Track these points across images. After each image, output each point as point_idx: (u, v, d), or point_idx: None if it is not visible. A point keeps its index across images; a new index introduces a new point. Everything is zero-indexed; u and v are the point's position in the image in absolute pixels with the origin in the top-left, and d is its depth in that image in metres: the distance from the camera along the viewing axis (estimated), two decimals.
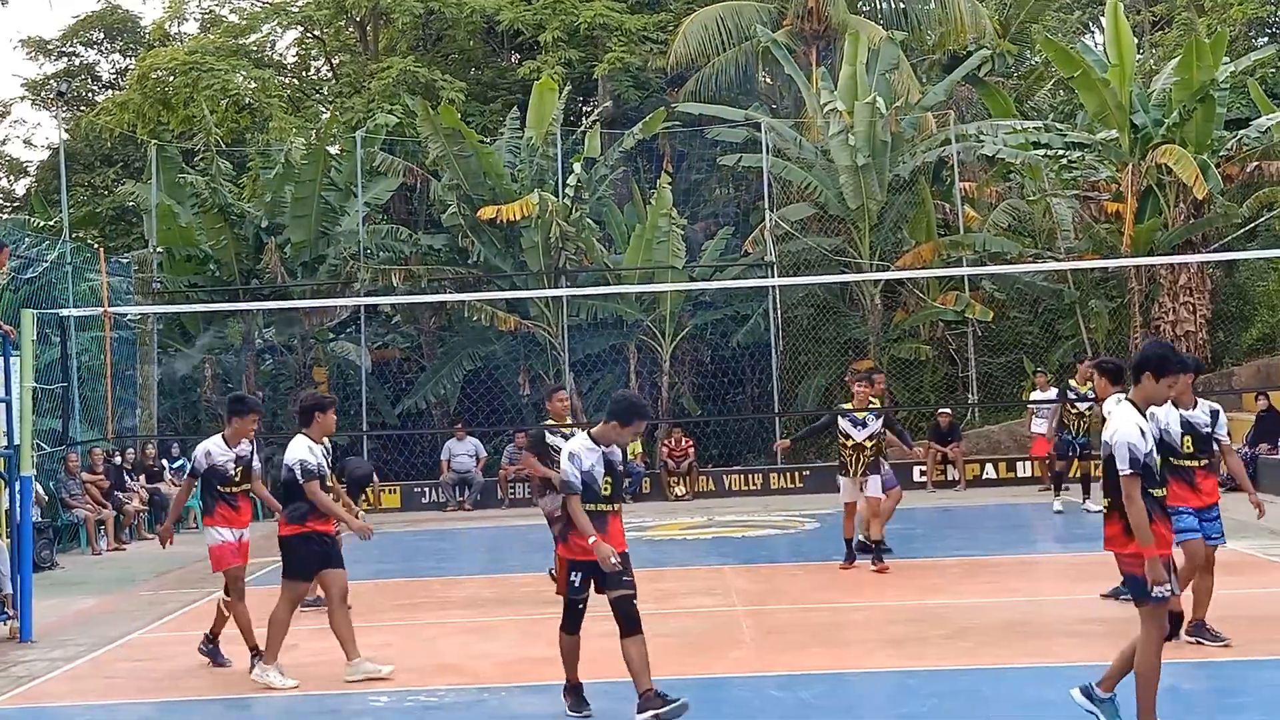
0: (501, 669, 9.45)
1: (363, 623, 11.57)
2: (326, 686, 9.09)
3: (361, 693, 8.83)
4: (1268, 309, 25.13)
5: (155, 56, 31.11)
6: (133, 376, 23.25)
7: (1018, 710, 7.74)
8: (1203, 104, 22.91)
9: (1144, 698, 6.71)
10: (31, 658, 10.63)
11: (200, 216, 23.93)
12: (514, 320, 23.85)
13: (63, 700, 9.20)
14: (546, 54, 28.72)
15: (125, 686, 9.51)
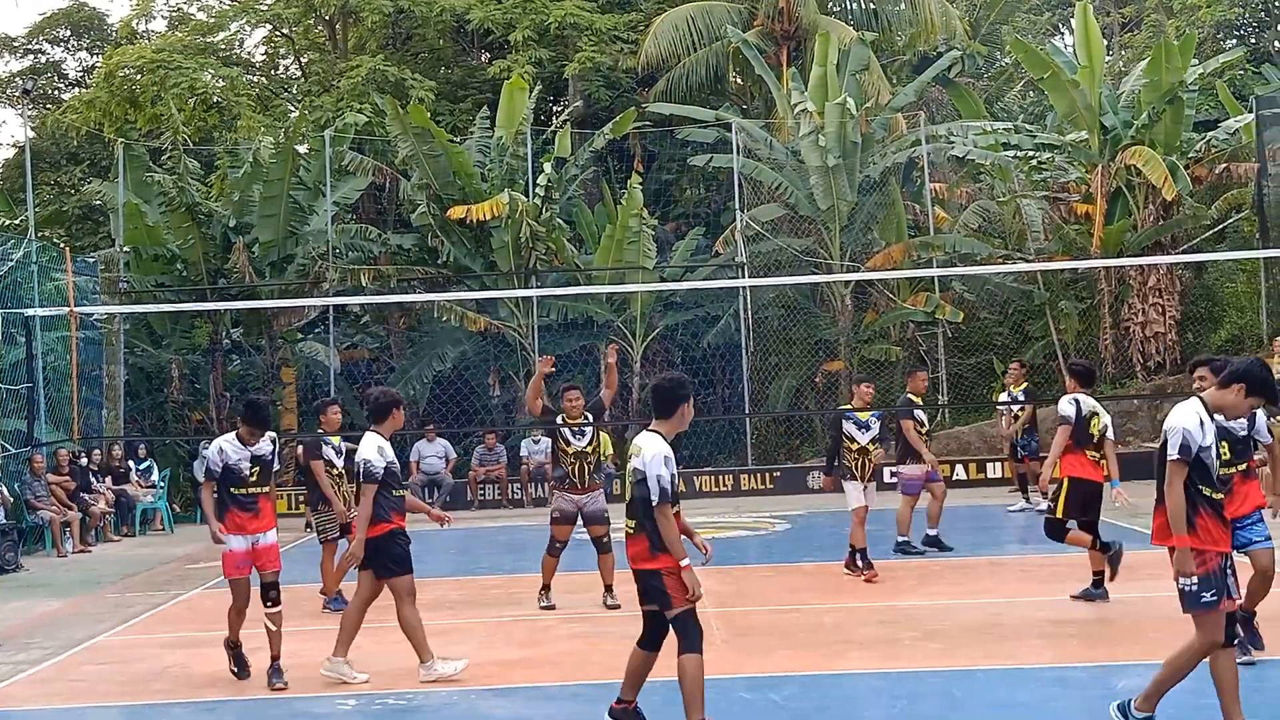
0: (470, 671, 9.40)
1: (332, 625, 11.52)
2: (295, 690, 9.03)
3: (329, 696, 8.78)
4: (1236, 310, 25.30)
5: (122, 54, 30.90)
6: (99, 377, 23.08)
7: (989, 712, 7.76)
8: (1171, 106, 23.06)
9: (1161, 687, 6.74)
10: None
11: (167, 216, 23.78)
12: (484, 321, 23.80)
13: (27, 705, 9.11)
14: (517, 53, 28.66)
15: (91, 690, 9.43)
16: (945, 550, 13.77)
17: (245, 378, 25.35)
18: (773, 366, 24.41)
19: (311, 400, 25.23)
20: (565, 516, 11.54)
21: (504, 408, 25.34)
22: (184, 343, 24.92)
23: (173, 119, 25.49)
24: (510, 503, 22.27)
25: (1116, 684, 8.10)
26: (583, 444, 11.52)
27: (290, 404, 25.03)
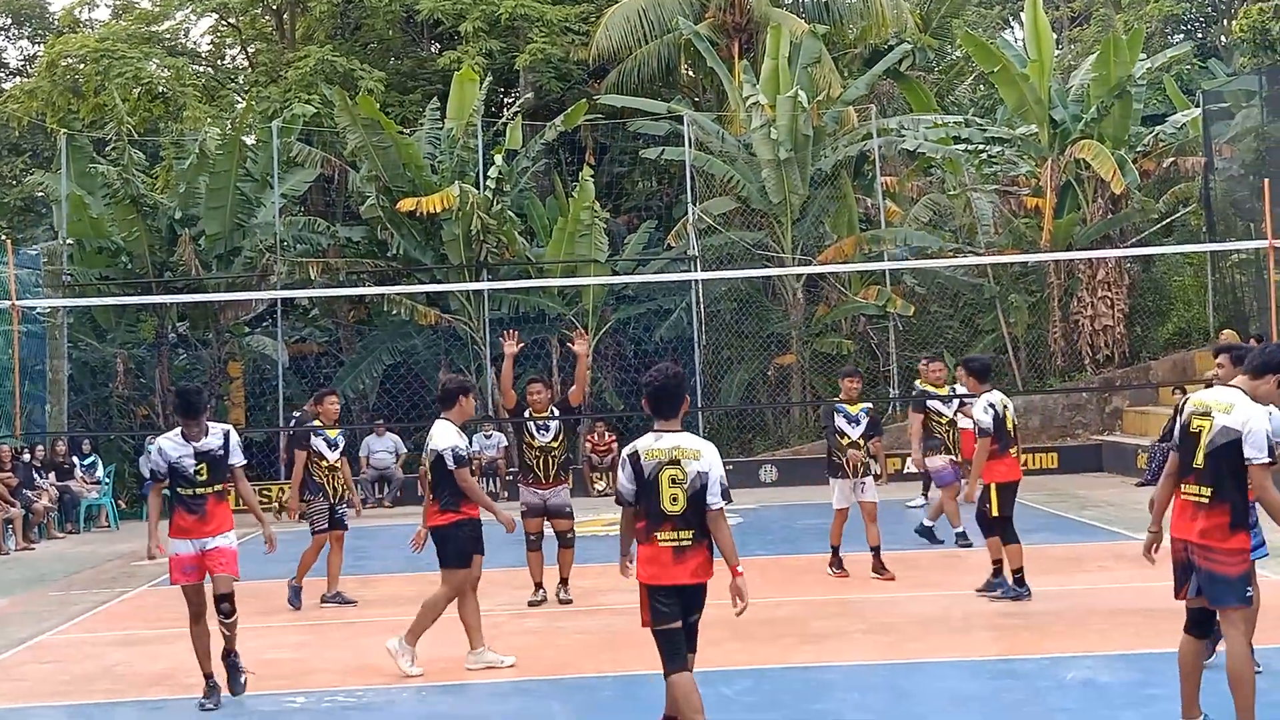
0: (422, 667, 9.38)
1: (280, 622, 11.46)
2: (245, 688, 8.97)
3: (276, 693, 8.74)
4: (1183, 304, 25.62)
5: (65, 43, 30.56)
6: (42, 371, 22.82)
7: (939, 704, 7.82)
8: (1120, 100, 23.30)
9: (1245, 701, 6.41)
10: None
11: (112, 207, 23.52)
12: (434, 314, 23.72)
13: None
14: (467, 44, 28.54)
15: (34, 690, 9.33)
16: (936, 543, 13.82)
17: (192, 372, 25.11)
18: (725, 360, 24.47)
19: (260, 395, 25.13)
20: (532, 509, 11.55)
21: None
22: (129, 336, 24.67)
23: (117, 109, 25.22)
24: None
25: (1065, 675, 8.20)
26: (547, 439, 11.49)
27: (238, 399, 24.85)
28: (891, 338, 24.07)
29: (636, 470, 6.53)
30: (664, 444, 6.56)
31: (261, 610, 12.11)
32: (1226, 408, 6.44)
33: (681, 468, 6.50)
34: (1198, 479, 6.49)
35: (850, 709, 7.86)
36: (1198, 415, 6.54)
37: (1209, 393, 6.62)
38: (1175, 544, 6.59)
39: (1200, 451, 6.47)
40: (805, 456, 21.51)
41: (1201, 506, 6.45)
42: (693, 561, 6.51)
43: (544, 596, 11.51)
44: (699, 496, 6.47)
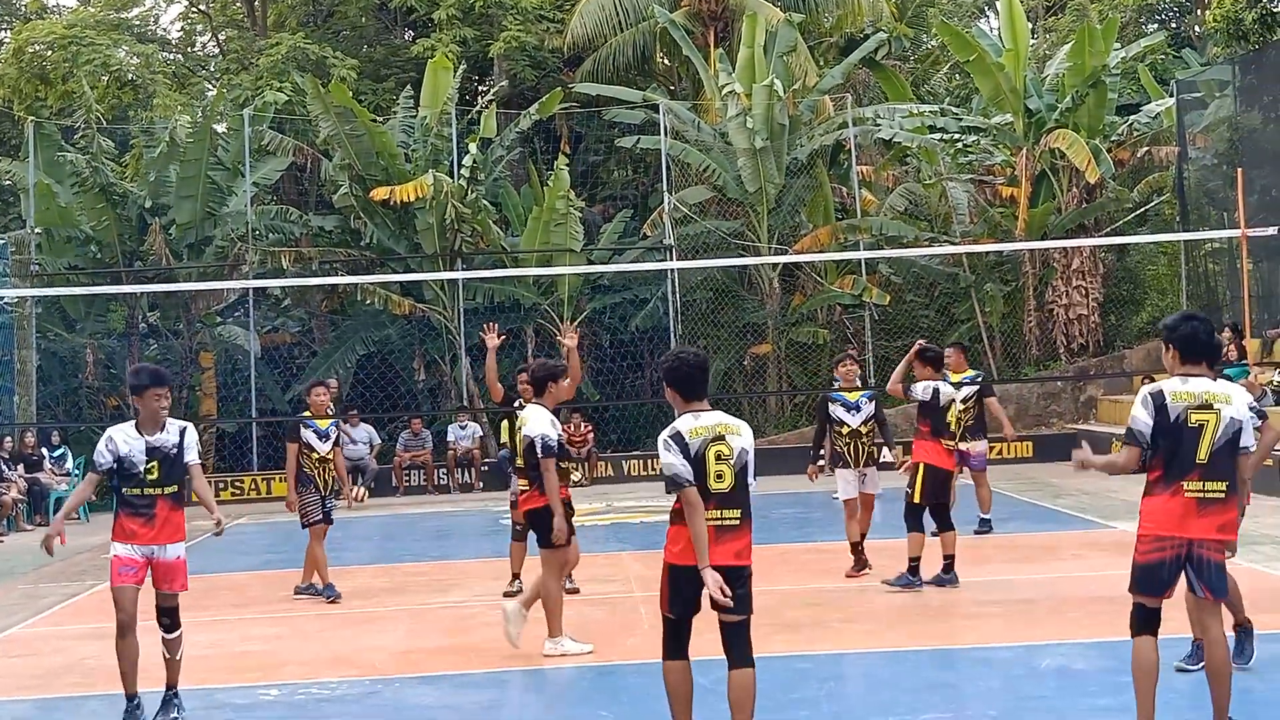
0: (394, 659, 9.38)
1: (252, 614, 11.43)
2: (216, 680, 8.94)
3: (250, 686, 8.71)
4: (1157, 293, 25.77)
5: (32, 30, 30.32)
6: (10, 362, 22.68)
7: (915, 692, 7.85)
8: (1095, 89, 23.38)
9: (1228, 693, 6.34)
10: None
11: (81, 196, 23.38)
12: (408, 304, 23.65)
13: None
14: (440, 32, 28.45)
15: (2, 684, 9.27)
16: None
17: (163, 362, 24.95)
18: (701, 349, 24.44)
19: (231, 385, 25.03)
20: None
21: (429, 392, 25.23)
22: (99, 327, 24.55)
23: (85, 97, 25.05)
24: (436, 489, 22.17)
25: (1039, 663, 8.24)
26: None
27: (210, 389, 24.76)
28: (867, 327, 24.12)
29: (684, 448, 6.24)
30: (706, 421, 6.34)
31: (234, 603, 12.10)
32: (1227, 398, 6.31)
33: (727, 443, 6.30)
34: (1204, 475, 6.23)
35: (825, 698, 7.88)
36: (1195, 409, 6.26)
37: (1195, 384, 6.32)
38: (1166, 542, 6.31)
39: (1205, 447, 6.24)
40: (781, 446, 21.53)
41: (1216, 502, 6.25)
42: (736, 543, 6.28)
43: (520, 588, 11.48)
44: (744, 473, 6.32)
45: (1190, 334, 6.43)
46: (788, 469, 18.96)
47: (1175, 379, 6.38)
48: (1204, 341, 6.46)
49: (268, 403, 24.43)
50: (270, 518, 19.68)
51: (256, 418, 23.83)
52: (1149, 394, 6.37)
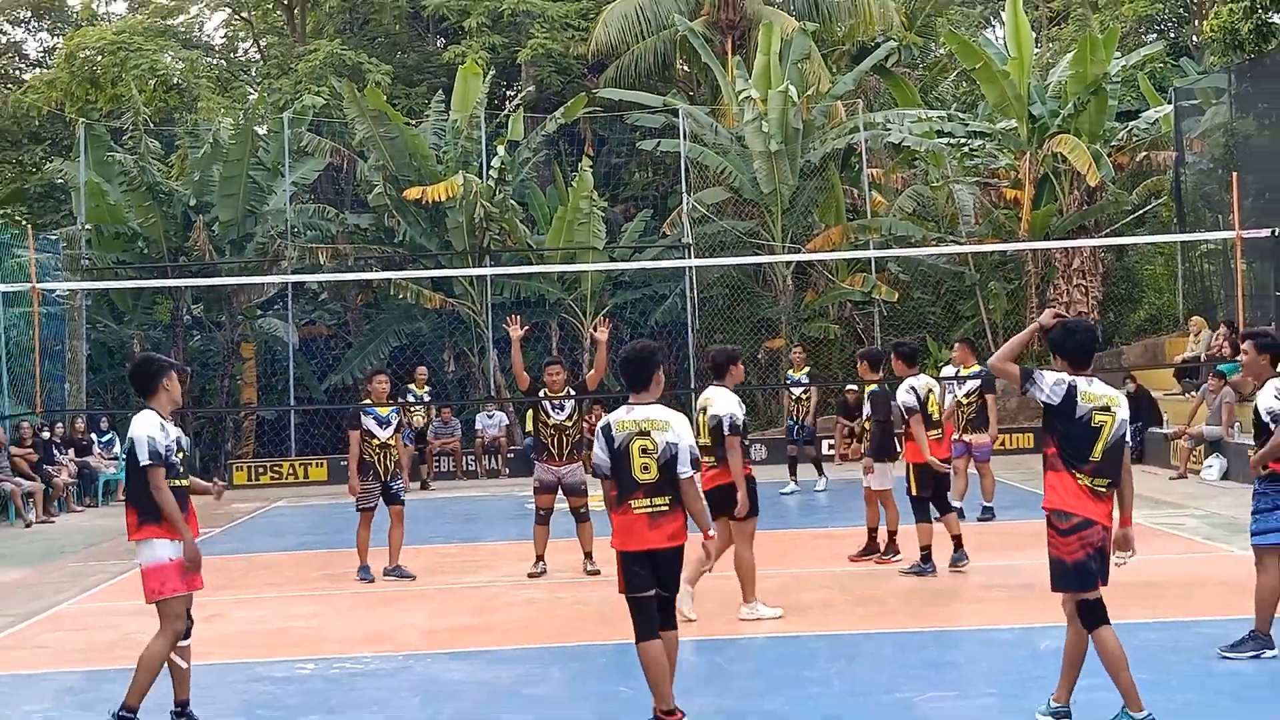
0: (425, 636, 9.41)
1: (291, 592, 11.49)
2: (256, 655, 8.99)
3: (289, 660, 8.75)
4: (1154, 291, 25.67)
5: (83, 35, 30.48)
6: (62, 352, 22.79)
7: (920, 671, 7.85)
8: (1096, 96, 23.28)
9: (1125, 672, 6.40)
10: None
11: (129, 194, 23.49)
12: (439, 298, 23.72)
13: None
14: (471, 39, 28.51)
15: (53, 657, 9.34)
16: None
17: (206, 353, 25.12)
18: (717, 343, 24.43)
19: (271, 375, 25.13)
20: (545, 486, 11.50)
21: (459, 383, 25.28)
22: (145, 318, 24.67)
23: (133, 100, 25.19)
24: (465, 474, 22.23)
25: (1040, 644, 8.21)
26: (561, 418, 11.43)
27: (250, 378, 24.85)
28: (876, 322, 24.10)
29: (609, 441, 6.53)
30: (635, 415, 6.55)
31: (272, 581, 12.15)
32: (1119, 403, 6.45)
33: (651, 438, 6.48)
34: (1095, 471, 6.32)
35: (835, 676, 7.89)
36: (1099, 411, 6.35)
37: (1097, 387, 6.41)
38: (1088, 534, 6.32)
39: (1100, 446, 6.33)
40: None
41: (1104, 497, 6.37)
42: (668, 527, 6.50)
43: (544, 569, 11.51)
44: (670, 465, 6.45)
45: (1078, 346, 6.53)
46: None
47: (1082, 379, 6.43)
48: (1090, 350, 6.58)
49: (305, 392, 24.53)
50: (307, 500, 19.78)
51: (294, 406, 23.93)
52: (1066, 380, 6.42)
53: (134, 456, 6.75)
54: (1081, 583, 6.38)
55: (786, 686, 7.62)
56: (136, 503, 6.79)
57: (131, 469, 6.81)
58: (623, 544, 6.52)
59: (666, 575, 6.56)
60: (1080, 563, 6.37)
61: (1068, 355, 6.52)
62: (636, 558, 6.48)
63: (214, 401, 24.05)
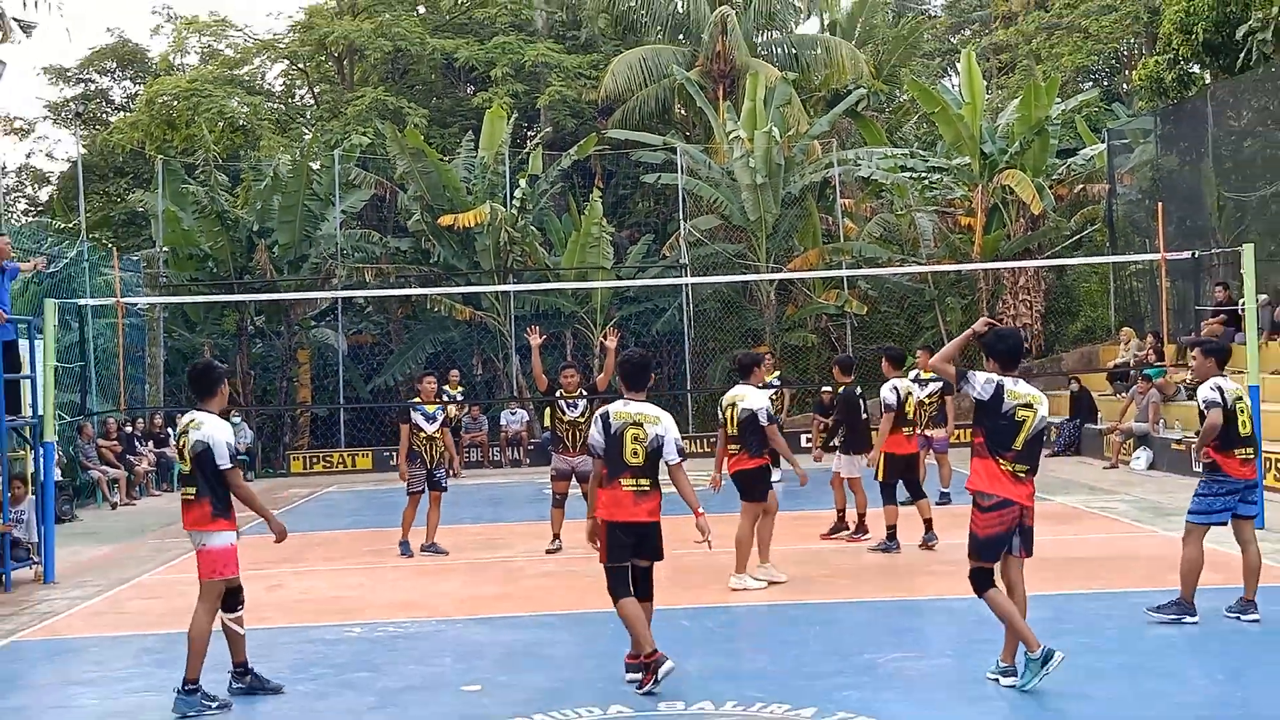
0: (456, 604, 9.43)
1: (340, 566, 11.51)
2: (310, 620, 9.01)
3: (338, 624, 8.77)
4: (1089, 306, 25.65)
5: (161, 84, 30.53)
6: (142, 357, 22.83)
7: (886, 636, 7.86)
8: (1039, 136, 23.29)
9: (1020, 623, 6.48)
10: (53, 597, 10.44)
11: (200, 221, 23.53)
12: (469, 311, 23.74)
13: (80, 633, 9.04)
14: (497, 87, 28.54)
15: (134, 621, 9.38)
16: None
17: (266, 358, 25.15)
18: (710, 350, 24.50)
19: (323, 377, 25.15)
20: (561, 474, 11.54)
21: (486, 384, 25.29)
22: (214, 328, 24.69)
23: (204, 139, 25.23)
24: (490, 464, 22.23)
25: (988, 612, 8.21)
26: (575, 415, 11.45)
27: (305, 380, 24.88)
28: (848, 332, 24.10)
29: (606, 427, 6.73)
30: (630, 409, 6.79)
31: (324, 556, 12.18)
32: (1040, 401, 6.46)
33: (643, 429, 6.71)
34: (1017, 458, 6.36)
35: (812, 639, 7.90)
36: (1022, 407, 6.36)
37: (1022, 387, 6.42)
38: (1007, 513, 6.37)
39: (1022, 438, 6.36)
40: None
41: (1024, 480, 6.40)
42: (648, 504, 6.70)
43: (559, 546, 11.52)
44: (656, 453, 6.69)
45: (1008, 349, 6.55)
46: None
47: (1009, 379, 6.44)
48: (1018, 354, 6.61)
49: (353, 392, 24.55)
50: (354, 486, 19.80)
51: (344, 404, 23.95)
52: (995, 379, 6.42)
53: (211, 458, 6.65)
54: (990, 555, 6.47)
55: (768, 648, 7.64)
56: (212, 496, 6.65)
57: (208, 468, 6.66)
58: (610, 515, 6.69)
59: (647, 546, 6.75)
60: (992, 537, 6.44)
61: (998, 357, 6.57)
62: (621, 527, 6.66)
63: (274, 400, 24.07)
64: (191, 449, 6.68)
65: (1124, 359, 19.99)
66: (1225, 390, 7.77)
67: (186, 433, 6.74)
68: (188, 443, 6.70)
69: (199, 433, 6.68)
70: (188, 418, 6.81)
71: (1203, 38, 20.67)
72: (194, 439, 6.67)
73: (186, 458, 6.72)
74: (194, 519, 6.70)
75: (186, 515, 6.75)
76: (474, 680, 7.06)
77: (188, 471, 6.73)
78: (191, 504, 6.70)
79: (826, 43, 28.94)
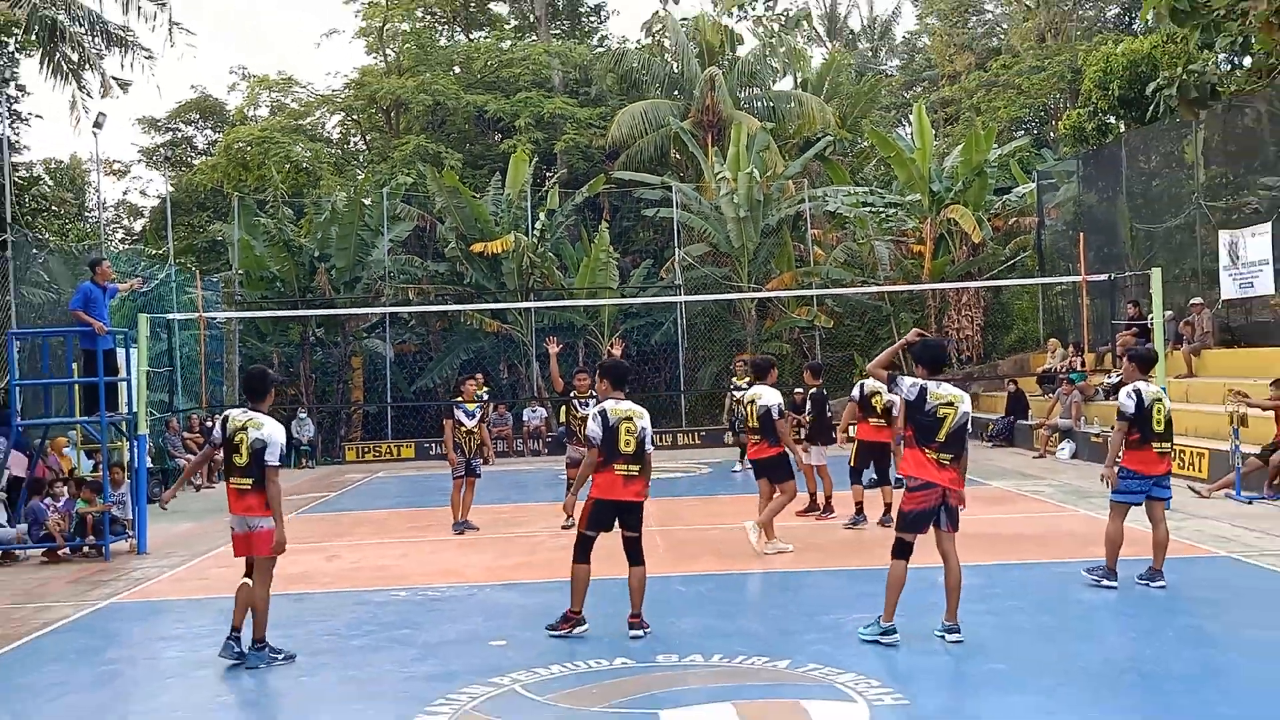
0: (486, 572, 9.44)
1: (388, 540, 11.51)
2: (362, 585, 9.02)
3: (386, 589, 8.78)
4: (1022, 320, 25.63)
5: (237, 132, 30.59)
6: (220, 363, 22.85)
7: (851, 599, 7.86)
8: (979, 177, 23.32)
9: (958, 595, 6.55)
10: (145, 565, 10.46)
11: (270, 248, 23.56)
12: (496, 324, 23.76)
13: (168, 596, 9.06)
14: (520, 135, 28.59)
15: (212, 585, 9.38)
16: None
17: (325, 364, 25.14)
18: (700, 358, 24.51)
19: (373, 380, 25.17)
20: (574, 462, 11.44)
21: (510, 386, 25.30)
22: (281, 339, 24.71)
23: (273, 179, 25.30)
24: (514, 454, 22.22)
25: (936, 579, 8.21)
26: (587, 412, 11.43)
27: (358, 383, 24.90)
28: (817, 343, 24.11)
29: (605, 421, 6.82)
30: (621, 406, 6.90)
31: (374, 532, 12.18)
32: (961, 399, 6.47)
33: (633, 423, 6.86)
34: (941, 448, 6.37)
35: (786, 603, 7.91)
36: (944, 405, 6.39)
37: (943, 389, 6.44)
38: (930, 492, 6.37)
39: (945, 431, 6.37)
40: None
41: (951, 466, 6.41)
42: (635, 486, 6.85)
43: (573, 523, 11.46)
44: (643, 443, 6.84)
45: (933, 357, 6.62)
46: None
47: (932, 383, 6.49)
48: (943, 360, 6.68)
49: (398, 392, 24.55)
50: (399, 473, 19.79)
51: (390, 403, 23.96)
52: (920, 383, 6.47)
53: (267, 454, 6.39)
54: (911, 528, 6.51)
55: (752, 609, 7.65)
56: (263, 489, 6.41)
57: (261, 463, 6.39)
58: (602, 494, 6.82)
59: (631, 519, 6.88)
60: (916, 513, 6.47)
61: (924, 364, 6.62)
62: (609, 504, 6.82)
63: (331, 399, 24.07)
64: (252, 445, 6.42)
65: (1051, 365, 19.98)
66: (1143, 393, 7.71)
67: (245, 429, 6.46)
68: (246, 439, 6.43)
69: (260, 432, 6.43)
70: (245, 416, 6.51)
71: (1118, 93, 20.71)
72: (254, 436, 6.42)
73: (244, 452, 6.42)
74: (248, 505, 6.44)
75: (240, 502, 6.45)
76: (500, 636, 7.07)
77: (244, 464, 6.43)
78: (247, 493, 6.43)
79: (799, 98, 28.97)
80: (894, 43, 44.09)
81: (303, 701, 5.92)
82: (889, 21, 44.34)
